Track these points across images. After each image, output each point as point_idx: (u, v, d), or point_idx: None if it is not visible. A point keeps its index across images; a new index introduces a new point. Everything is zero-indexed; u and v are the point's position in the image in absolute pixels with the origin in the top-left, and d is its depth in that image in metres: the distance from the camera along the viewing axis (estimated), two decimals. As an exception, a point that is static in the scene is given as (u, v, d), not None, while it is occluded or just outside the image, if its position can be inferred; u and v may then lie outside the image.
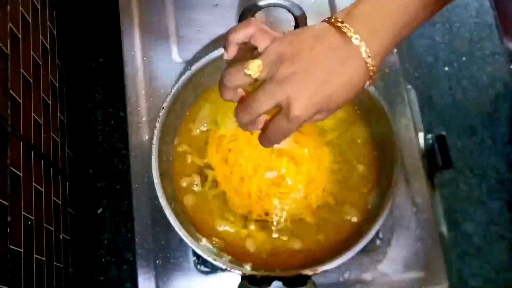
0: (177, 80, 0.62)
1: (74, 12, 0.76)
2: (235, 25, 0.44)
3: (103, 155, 0.71)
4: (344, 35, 0.40)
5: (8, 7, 0.52)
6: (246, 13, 0.60)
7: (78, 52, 0.75)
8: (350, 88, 0.41)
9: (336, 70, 0.40)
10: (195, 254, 0.62)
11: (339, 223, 0.62)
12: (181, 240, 0.56)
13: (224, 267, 0.56)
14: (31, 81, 0.57)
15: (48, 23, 0.67)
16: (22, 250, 0.50)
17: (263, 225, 0.62)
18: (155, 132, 0.60)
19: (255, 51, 0.43)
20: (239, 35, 0.43)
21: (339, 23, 0.40)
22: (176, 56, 0.70)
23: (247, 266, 0.59)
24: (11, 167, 0.49)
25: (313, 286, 0.54)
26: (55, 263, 0.59)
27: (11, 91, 0.51)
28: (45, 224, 0.57)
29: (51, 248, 0.59)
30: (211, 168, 0.63)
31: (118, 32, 0.71)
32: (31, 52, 0.58)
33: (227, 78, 0.42)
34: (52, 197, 0.61)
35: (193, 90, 0.64)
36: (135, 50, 0.70)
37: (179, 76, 0.64)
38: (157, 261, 0.63)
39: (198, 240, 0.59)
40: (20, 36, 0.55)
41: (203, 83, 0.65)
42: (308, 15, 0.60)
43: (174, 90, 0.61)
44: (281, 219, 0.62)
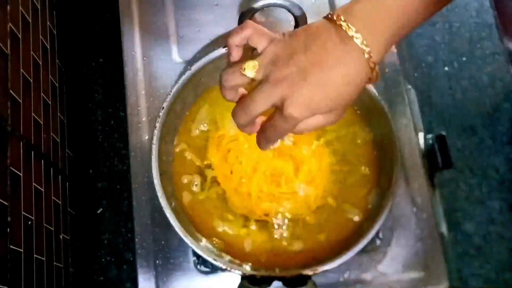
0: (177, 80, 0.62)
1: (74, 12, 0.76)
2: (233, 28, 0.44)
3: (103, 155, 0.71)
4: (344, 33, 0.39)
5: (8, 7, 0.52)
6: (246, 13, 0.60)
7: (78, 52, 0.75)
8: (350, 88, 0.40)
9: (334, 69, 0.39)
10: (195, 254, 0.62)
11: (339, 223, 0.62)
12: (181, 240, 0.56)
13: (224, 267, 0.56)
14: (31, 81, 0.57)
15: (48, 23, 0.67)
16: (22, 250, 0.50)
17: (263, 225, 0.62)
18: (155, 132, 0.60)
19: (255, 51, 0.43)
20: (235, 38, 0.43)
21: (340, 21, 0.39)
22: (176, 56, 0.70)
23: (247, 266, 0.59)
24: (11, 167, 0.49)
25: (313, 286, 0.54)
26: (55, 263, 0.59)
27: (11, 91, 0.51)
28: (45, 224, 0.57)
29: (51, 248, 0.59)
30: (211, 168, 0.63)
31: (118, 32, 0.71)
32: (31, 52, 0.58)
33: (224, 78, 0.43)
34: (52, 197, 0.61)
35: (193, 90, 0.64)
36: (135, 50, 0.70)
37: (179, 76, 0.64)
38: (157, 261, 0.63)
39: (198, 240, 0.59)
40: (20, 36, 0.55)
41: (203, 83, 0.65)
42: (308, 15, 0.60)
43: (174, 90, 0.61)
44: (281, 219, 0.62)
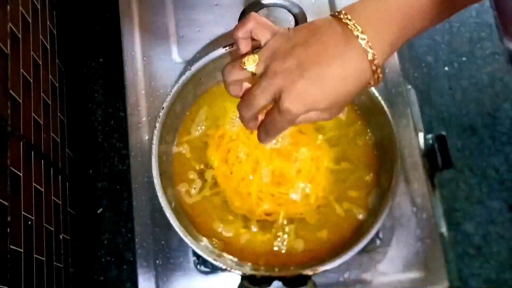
0: (177, 80, 0.62)
1: (74, 12, 0.76)
2: (238, 23, 0.45)
3: (103, 155, 0.71)
4: (349, 32, 0.39)
5: (8, 7, 0.52)
6: (246, 13, 0.60)
7: (78, 52, 0.75)
8: (349, 88, 0.40)
9: (333, 66, 0.39)
10: (195, 254, 0.62)
11: (339, 223, 0.62)
12: (181, 240, 0.56)
13: (224, 267, 0.56)
14: (31, 81, 0.57)
15: (48, 23, 0.67)
16: (22, 250, 0.50)
17: (263, 225, 0.62)
18: (155, 132, 0.60)
19: (256, 50, 0.43)
20: (239, 31, 0.43)
21: (347, 20, 0.39)
22: (176, 56, 0.70)
23: (247, 266, 0.59)
24: (11, 167, 0.49)
25: (313, 286, 0.54)
26: (55, 263, 0.59)
27: (11, 91, 0.51)
28: (45, 224, 0.57)
29: (51, 248, 0.59)
30: (211, 168, 0.63)
31: (118, 32, 0.71)
32: (31, 52, 0.59)
33: (225, 72, 0.43)
34: (52, 197, 0.61)
35: (193, 90, 0.64)
36: (135, 50, 0.70)
37: (179, 76, 0.64)
38: (157, 261, 0.63)
39: (198, 240, 0.59)
40: (20, 36, 0.55)
41: (203, 83, 0.65)
42: (308, 15, 0.60)
43: (174, 90, 0.61)
44: (281, 219, 0.62)
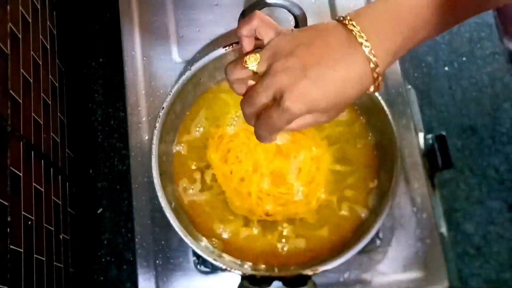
0: (177, 80, 0.62)
1: (74, 12, 0.76)
2: (242, 20, 0.44)
3: (103, 155, 0.71)
4: (353, 38, 0.39)
5: (8, 7, 0.52)
6: (245, 13, 0.60)
7: (78, 52, 0.75)
8: (349, 92, 0.40)
9: (335, 69, 0.39)
10: (195, 254, 0.62)
11: (339, 223, 0.62)
12: (181, 240, 0.56)
13: (224, 267, 0.56)
14: (31, 81, 0.57)
15: (48, 23, 0.67)
16: (22, 250, 0.50)
17: (263, 225, 0.62)
18: (155, 132, 0.60)
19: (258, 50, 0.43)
20: (243, 29, 0.43)
21: (352, 27, 0.39)
22: (176, 56, 0.70)
23: (247, 266, 0.59)
24: (11, 167, 0.49)
25: (313, 286, 0.54)
26: (55, 263, 0.59)
27: (11, 91, 0.51)
28: (45, 224, 0.57)
29: (51, 248, 0.59)
30: (211, 168, 0.63)
31: (118, 32, 0.71)
32: (31, 52, 0.59)
33: (228, 71, 0.43)
34: (52, 197, 0.61)
35: (193, 90, 0.64)
36: (135, 50, 0.70)
37: (179, 76, 0.64)
38: (157, 261, 0.63)
39: (198, 240, 0.59)
40: (20, 36, 0.55)
41: (203, 83, 0.65)
42: (308, 15, 0.60)
43: (174, 90, 0.61)
44: (281, 219, 0.62)
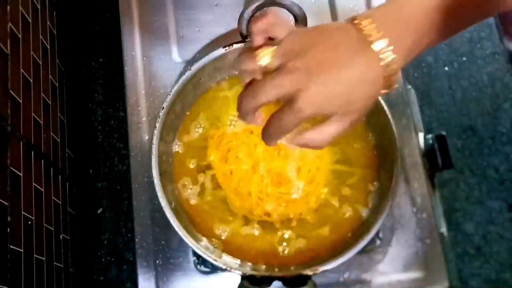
0: (177, 80, 0.62)
1: (74, 12, 0.76)
2: (256, 15, 0.44)
3: (103, 155, 0.71)
4: (363, 35, 0.39)
5: (8, 7, 0.52)
6: (246, 13, 0.60)
7: (78, 52, 0.75)
8: (362, 90, 0.39)
9: (349, 68, 0.39)
10: (195, 254, 0.62)
11: (339, 223, 0.62)
12: (181, 240, 0.56)
13: (224, 267, 0.56)
14: (31, 81, 0.57)
15: (48, 23, 0.67)
16: (22, 250, 0.50)
17: (263, 225, 0.62)
18: (155, 132, 0.60)
19: (276, 40, 0.43)
20: (259, 25, 0.43)
21: (363, 26, 0.39)
22: (176, 56, 0.70)
23: (247, 266, 0.59)
24: (11, 167, 0.49)
25: (313, 286, 0.54)
26: (55, 263, 0.59)
27: (11, 91, 0.51)
28: (45, 224, 0.57)
29: (51, 248, 0.59)
30: (211, 168, 0.63)
31: (118, 32, 0.71)
32: (31, 52, 0.59)
33: (239, 59, 0.42)
34: (52, 197, 0.61)
35: (193, 90, 0.64)
36: (135, 50, 0.70)
37: (179, 76, 0.64)
38: (157, 261, 0.63)
39: (198, 240, 0.59)
40: (20, 36, 0.55)
41: (203, 83, 0.65)
42: (308, 15, 0.60)
43: (174, 90, 0.61)
44: (281, 219, 0.62)
